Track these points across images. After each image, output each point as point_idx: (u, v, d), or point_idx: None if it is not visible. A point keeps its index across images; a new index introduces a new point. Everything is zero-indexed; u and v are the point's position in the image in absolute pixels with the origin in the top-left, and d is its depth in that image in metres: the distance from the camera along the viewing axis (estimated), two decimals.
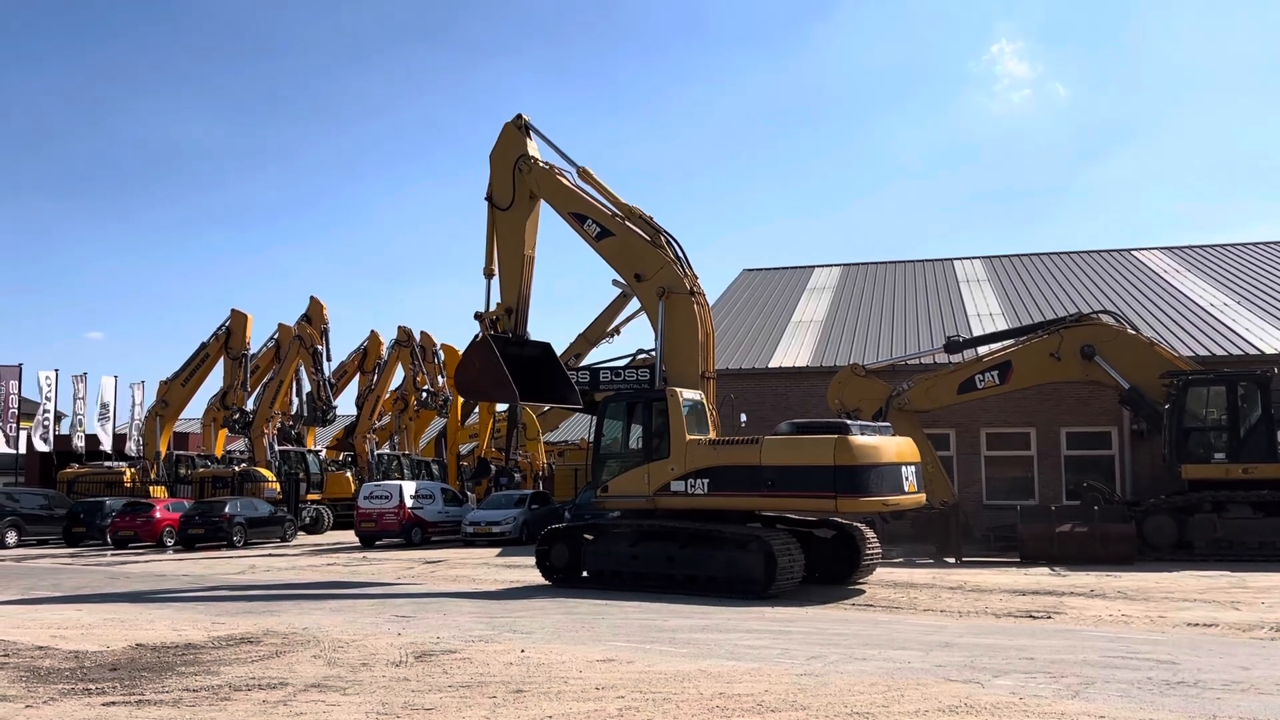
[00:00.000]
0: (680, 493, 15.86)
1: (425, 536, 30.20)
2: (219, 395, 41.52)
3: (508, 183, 19.30)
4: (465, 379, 19.31)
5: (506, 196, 19.31)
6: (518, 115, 19.73)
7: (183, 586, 18.17)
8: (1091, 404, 23.77)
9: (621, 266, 18.55)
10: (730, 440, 16.26)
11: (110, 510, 32.08)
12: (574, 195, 19.02)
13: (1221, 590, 14.87)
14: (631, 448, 16.74)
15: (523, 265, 19.16)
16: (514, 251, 19.22)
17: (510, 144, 19.55)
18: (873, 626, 11.71)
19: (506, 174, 19.32)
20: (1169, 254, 34.86)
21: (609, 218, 18.64)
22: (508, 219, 19.27)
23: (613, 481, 16.69)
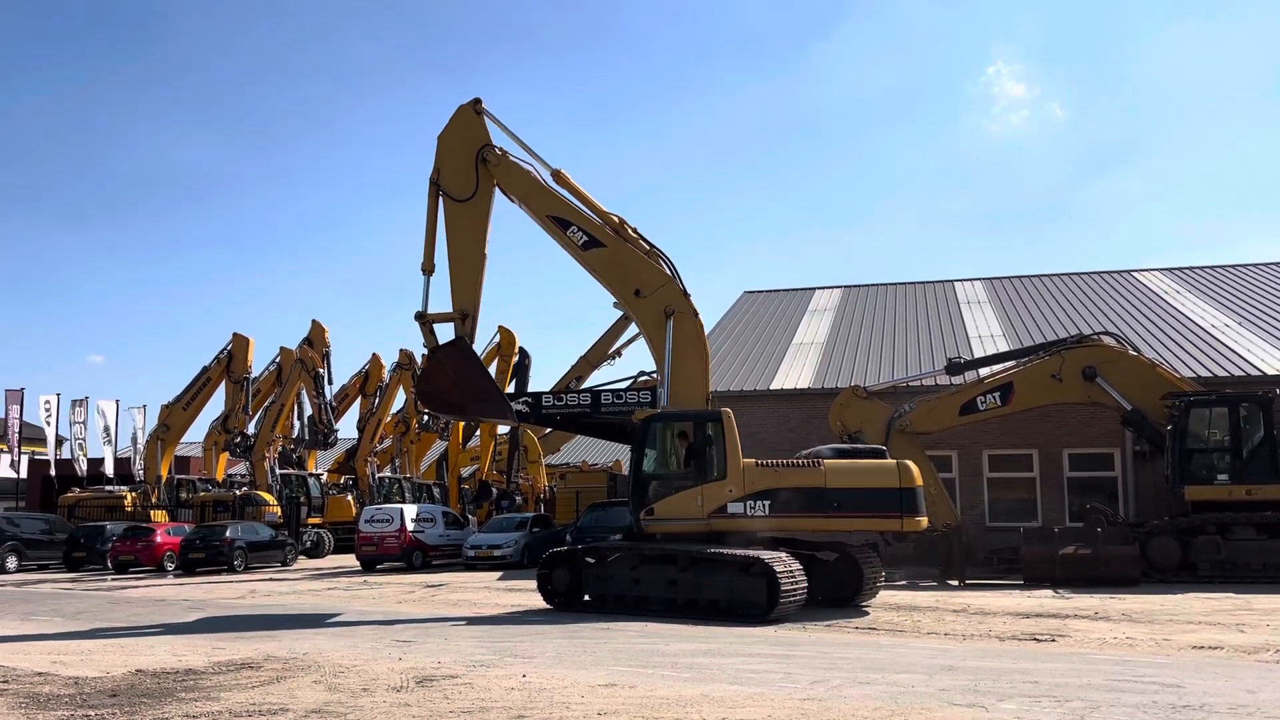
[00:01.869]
0: (739, 515, 15.84)
1: (426, 560, 30.11)
2: (220, 419, 41.54)
3: (469, 172, 17.41)
4: (432, 390, 17.38)
5: (468, 187, 17.39)
6: (475, 99, 17.86)
7: (182, 611, 18.10)
8: (1094, 425, 23.74)
9: (614, 280, 17.45)
10: (790, 463, 16.41)
11: (111, 535, 32.01)
12: (556, 198, 17.59)
13: (1226, 612, 14.80)
14: (679, 469, 16.37)
15: (480, 265, 17.39)
16: (469, 248, 17.31)
17: (467, 128, 17.65)
18: (876, 650, 11.64)
19: (466, 162, 17.44)
20: (1169, 275, 34.92)
21: (598, 227, 17.48)
22: (465, 211, 17.35)
23: (660, 504, 16.06)
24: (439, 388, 17.05)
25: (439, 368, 16.99)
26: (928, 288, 36.84)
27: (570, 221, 17.46)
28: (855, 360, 28.80)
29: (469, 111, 17.76)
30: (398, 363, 43.56)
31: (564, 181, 17.59)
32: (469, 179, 17.36)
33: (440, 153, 17.55)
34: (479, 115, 17.74)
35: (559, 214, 17.49)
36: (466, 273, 17.20)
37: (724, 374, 27.88)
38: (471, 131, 17.59)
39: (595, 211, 17.58)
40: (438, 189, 17.39)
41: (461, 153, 17.51)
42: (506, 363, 43.85)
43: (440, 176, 17.43)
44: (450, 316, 17.17)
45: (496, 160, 17.49)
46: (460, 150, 17.53)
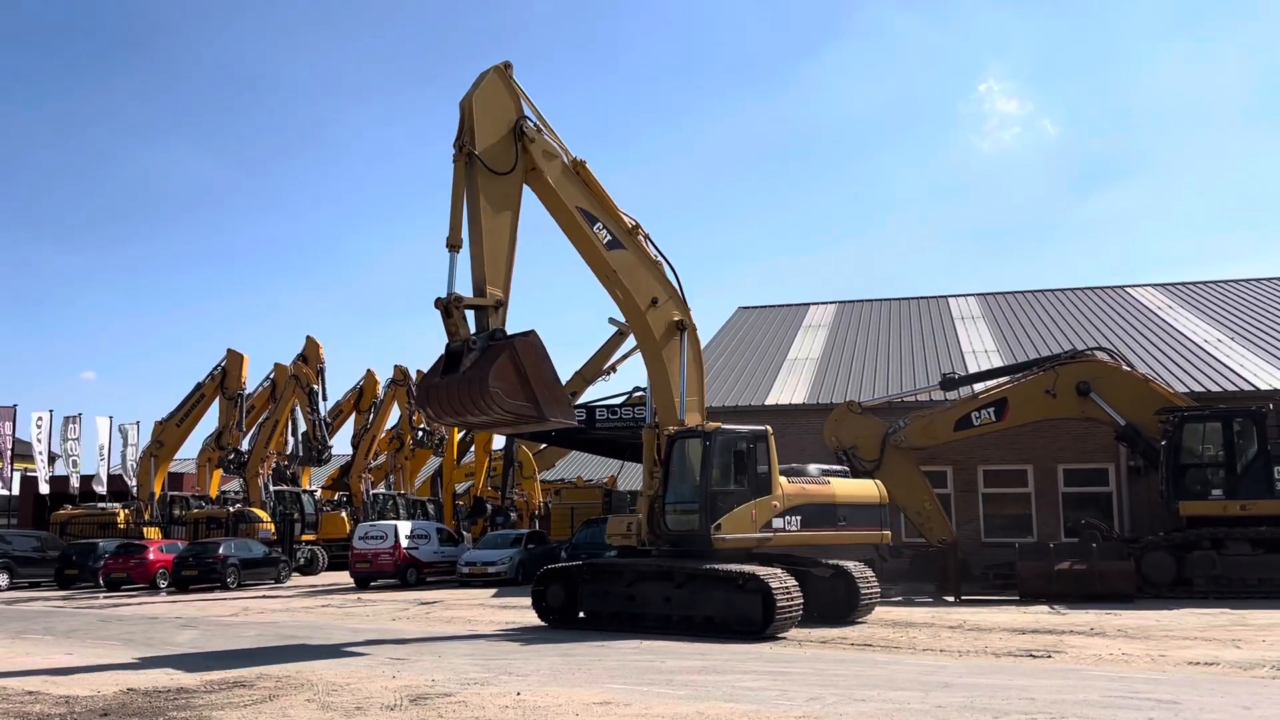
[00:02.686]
0: (780, 530, 16.23)
1: (420, 577, 30.00)
2: (214, 435, 41.44)
3: (507, 143, 15.21)
4: (506, 388, 13.68)
5: (507, 159, 15.11)
6: (506, 63, 15.64)
7: (174, 629, 18.00)
8: (1088, 441, 23.76)
9: (633, 286, 16.46)
10: (811, 479, 17.03)
11: (103, 552, 31.86)
12: (585, 189, 16.17)
13: (1222, 628, 14.78)
14: (734, 487, 16.18)
15: (513, 249, 15.04)
16: (503, 229, 14.89)
17: (498, 95, 15.38)
18: (872, 667, 11.61)
19: (504, 133, 15.25)
20: (1162, 290, 35.03)
21: (623, 227, 16.45)
22: (500, 186, 14.98)
23: (725, 519, 15.66)
24: (510, 387, 13.73)
25: (508, 364, 13.79)
26: (922, 303, 36.91)
27: (596, 217, 16.17)
28: (850, 376, 28.82)
29: (501, 76, 15.54)
30: (392, 379, 43.54)
31: (586, 174, 16.29)
32: (508, 151, 15.18)
33: (475, 119, 14.99)
34: (509, 83, 15.63)
35: (586, 207, 16.10)
36: (499, 256, 14.70)
37: (719, 389, 27.87)
38: (502, 100, 15.45)
39: (616, 210, 16.57)
40: (469, 157, 14.78)
41: (494, 122, 15.18)
42: None
43: (476, 144, 14.85)
44: (485, 303, 14.35)
45: (533, 136, 15.54)
46: (495, 118, 15.20)
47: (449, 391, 13.89)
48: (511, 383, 13.71)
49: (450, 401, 13.92)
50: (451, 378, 13.88)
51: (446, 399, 13.95)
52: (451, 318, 14.01)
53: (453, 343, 14.10)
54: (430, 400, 14.26)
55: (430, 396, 14.24)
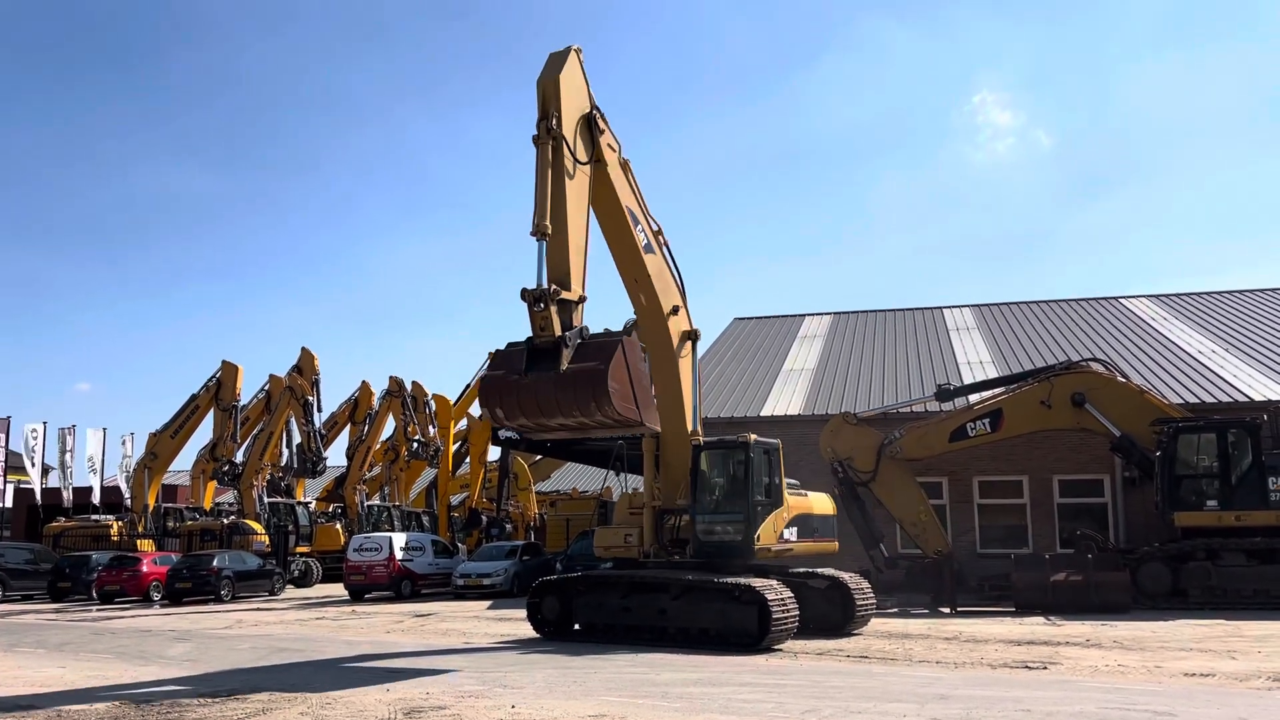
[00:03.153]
0: (787, 540, 16.51)
1: (415, 589, 29.90)
2: (208, 447, 41.30)
3: (584, 131, 14.57)
4: (619, 388, 12.80)
5: (585, 148, 14.49)
6: (577, 48, 14.84)
7: (167, 642, 17.91)
8: (1083, 452, 23.78)
9: (661, 291, 16.11)
10: (799, 491, 17.36)
11: (96, 564, 31.70)
12: (635, 189, 15.83)
13: (1217, 639, 14.78)
14: (763, 498, 16.40)
15: (586, 243, 14.22)
16: (583, 219, 14.24)
17: (577, 80, 14.63)
18: (868, 679, 11.58)
19: (579, 119, 14.52)
20: (1156, 301, 35.13)
21: (652, 231, 16.18)
22: (579, 176, 14.29)
23: (762, 530, 15.84)
24: (623, 387, 12.86)
25: (621, 363, 12.94)
26: (917, 314, 36.98)
27: (638, 218, 15.81)
28: (845, 386, 28.83)
29: (578, 58, 14.77)
30: (387, 390, 43.45)
31: (631, 174, 15.89)
32: (585, 139, 14.56)
33: (561, 100, 14.15)
34: (582, 68, 14.91)
35: (633, 207, 15.69)
36: (580, 248, 13.94)
37: (714, 400, 27.88)
38: (580, 85, 14.73)
39: (648, 213, 16.20)
40: (555, 141, 13.93)
41: (574, 107, 14.44)
42: None
43: (563, 127, 14.04)
44: (572, 296, 13.43)
45: (603, 127, 14.90)
46: (573, 104, 14.44)
47: (545, 390, 12.76)
48: (623, 383, 12.90)
49: (546, 401, 12.77)
50: (544, 375, 12.70)
51: (540, 399, 12.80)
52: (544, 310, 12.94)
53: (540, 338, 12.98)
54: (516, 399, 12.86)
55: (515, 395, 12.85)
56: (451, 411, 44.76)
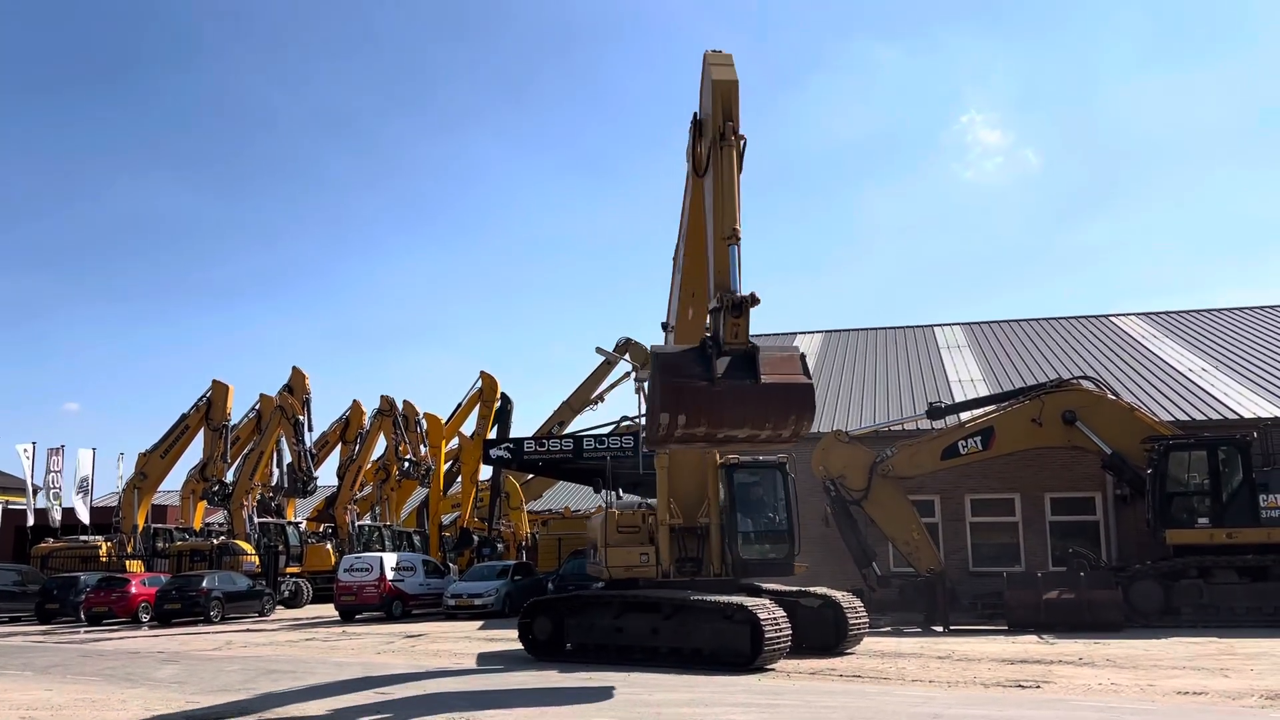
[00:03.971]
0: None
1: (406, 609, 29.74)
2: (198, 467, 41.15)
3: (706, 141, 13.83)
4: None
5: (703, 160, 13.90)
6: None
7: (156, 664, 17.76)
8: (1075, 469, 23.80)
9: (704, 303, 15.54)
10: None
11: (85, 586, 31.47)
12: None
13: (1210, 657, 14.77)
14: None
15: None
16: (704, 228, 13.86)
17: (714, 95, 13.64)
18: (861, 698, 11.54)
19: (709, 129, 13.80)
20: (1145, 319, 35.28)
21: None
22: (701, 186, 14.03)
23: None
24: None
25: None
26: (908, 332, 37.07)
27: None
28: (837, 404, 28.86)
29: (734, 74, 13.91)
30: (378, 409, 43.35)
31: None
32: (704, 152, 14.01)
33: (733, 104, 13.51)
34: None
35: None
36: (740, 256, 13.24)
37: None
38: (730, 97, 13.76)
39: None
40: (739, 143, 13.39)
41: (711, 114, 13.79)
42: (488, 408, 43.81)
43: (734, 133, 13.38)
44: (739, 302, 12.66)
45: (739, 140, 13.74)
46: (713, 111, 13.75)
47: (745, 400, 12.25)
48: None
49: (741, 412, 12.32)
50: (742, 385, 12.14)
51: (735, 408, 12.30)
52: (743, 318, 12.40)
53: (734, 344, 12.44)
54: (705, 407, 12.25)
55: (705, 403, 12.22)
56: (443, 431, 44.69)
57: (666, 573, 16.14)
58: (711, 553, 16.42)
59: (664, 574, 16.17)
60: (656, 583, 16.09)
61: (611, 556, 16.53)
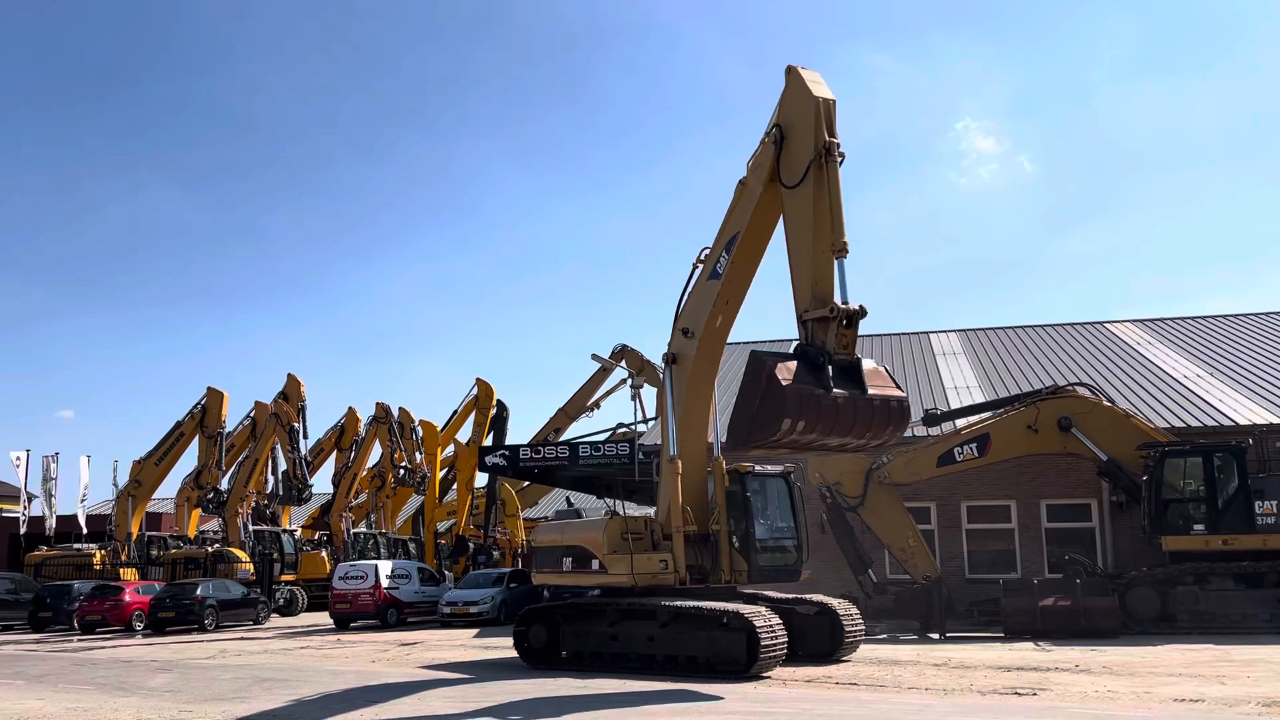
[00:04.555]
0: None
1: (401, 617, 29.65)
2: (193, 474, 41.03)
3: (804, 156, 13.97)
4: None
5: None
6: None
7: (149, 672, 17.68)
8: (1071, 476, 23.80)
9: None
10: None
11: (78, 594, 31.34)
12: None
13: (1206, 664, 14.75)
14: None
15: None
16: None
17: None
18: (857, 706, 11.51)
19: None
20: (1140, 326, 35.32)
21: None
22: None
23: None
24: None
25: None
26: (903, 339, 37.07)
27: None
28: None
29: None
30: (374, 416, 43.28)
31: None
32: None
33: (833, 119, 14.12)
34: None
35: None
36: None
37: None
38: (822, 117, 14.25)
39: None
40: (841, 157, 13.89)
41: (804, 131, 14.22)
42: (484, 415, 43.74)
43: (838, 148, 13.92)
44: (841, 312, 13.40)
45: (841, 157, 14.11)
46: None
47: (857, 410, 12.93)
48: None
49: (849, 420, 12.93)
50: (854, 395, 12.82)
51: (845, 417, 12.89)
52: (854, 328, 13.11)
53: (841, 355, 13.09)
54: (818, 413, 12.69)
55: (818, 409, 12.66)
56: (438, 438, 44.60)
57: (683, 580, 15.89)
58: (723, 560, 16.23)
59: (681, 581, 15.90)
60: (663, 590, 15.98)
61: (638, 564, 16.07)
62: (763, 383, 12.84)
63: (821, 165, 13.67)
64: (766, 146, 14.77)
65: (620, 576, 15.86)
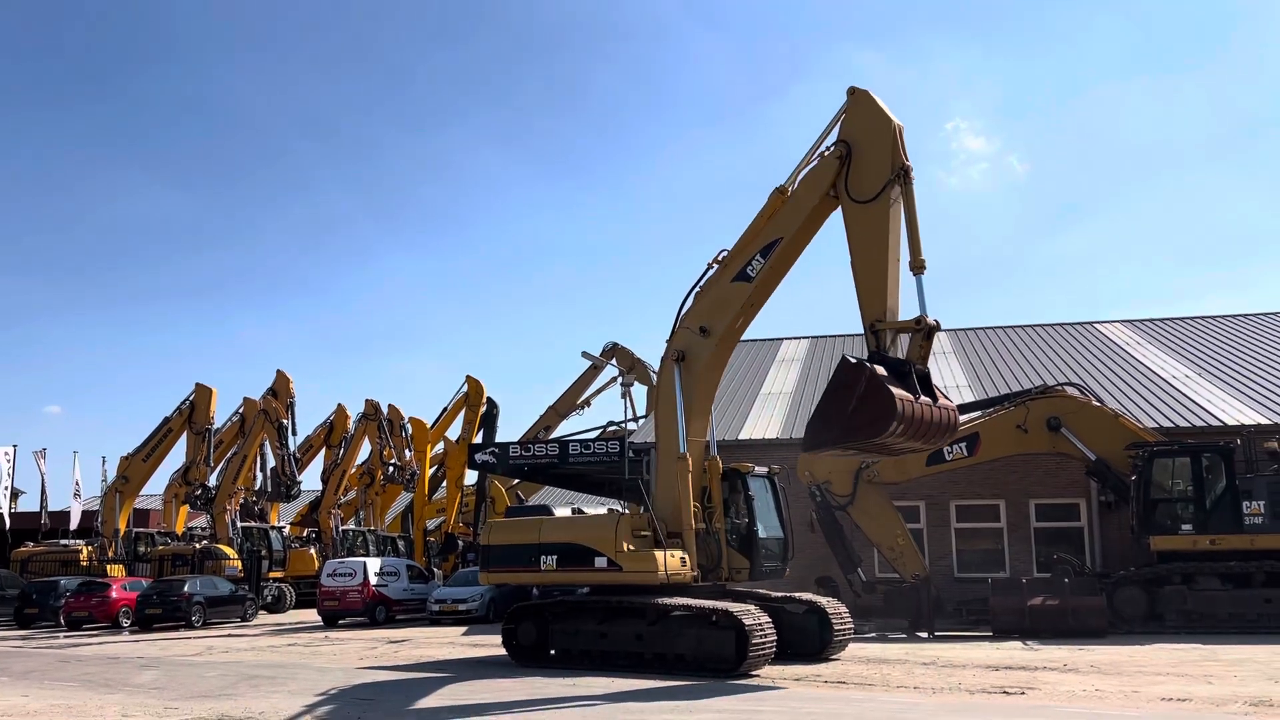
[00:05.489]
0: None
1: (390, 615, 29.56)
2: (181, 470, 40.84)
3: (882, 172, 14.70)
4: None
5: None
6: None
7: (135, 669, 17.59)
8: (1060, 476, 23.86)
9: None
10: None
11: (65, 590, 31.18)
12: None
13: (1193, 664, 14.79)
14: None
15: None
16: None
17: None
18: (845, 705, 11.50)
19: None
20: (1129, 326, 35.42)
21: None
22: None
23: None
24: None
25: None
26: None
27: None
28: None
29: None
30: (363, 413, 43.13)
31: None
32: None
33: (903, 143, 15.07)
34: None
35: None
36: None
37: None
38: (891, 137, 15.19)
39: None
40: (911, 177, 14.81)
41: (879, 152, 15.07)
42: (474, 413, 43.67)
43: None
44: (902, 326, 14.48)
45: (911, 180, 15.06)
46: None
47: (940, 416, 13.72)
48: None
49: (931, 425, 13.60)
50: (939, 406, 13.77)
51: (934, 422, 13.63)
52: (931, 340, 14.19)
53: (921, 367, 14.00)
54: (914, 419, 13.30)
55: (913, 415, 13.26)
56: (428, 435, 44.49)
57: (697, 577, 15.94)
58: (724, 559, 16.38)
59: (694, 579, 15.93)
60: (712, 588, 16.13)
61: (662, 562, 15.69)
62: (862, 386, 13.23)
63: (900, 187, 14.59)
64: (829, 161, 15.33)
65: (638, 574, 15.43)
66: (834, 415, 13.64)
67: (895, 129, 14.89)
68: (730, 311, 16.14)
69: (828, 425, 13.83)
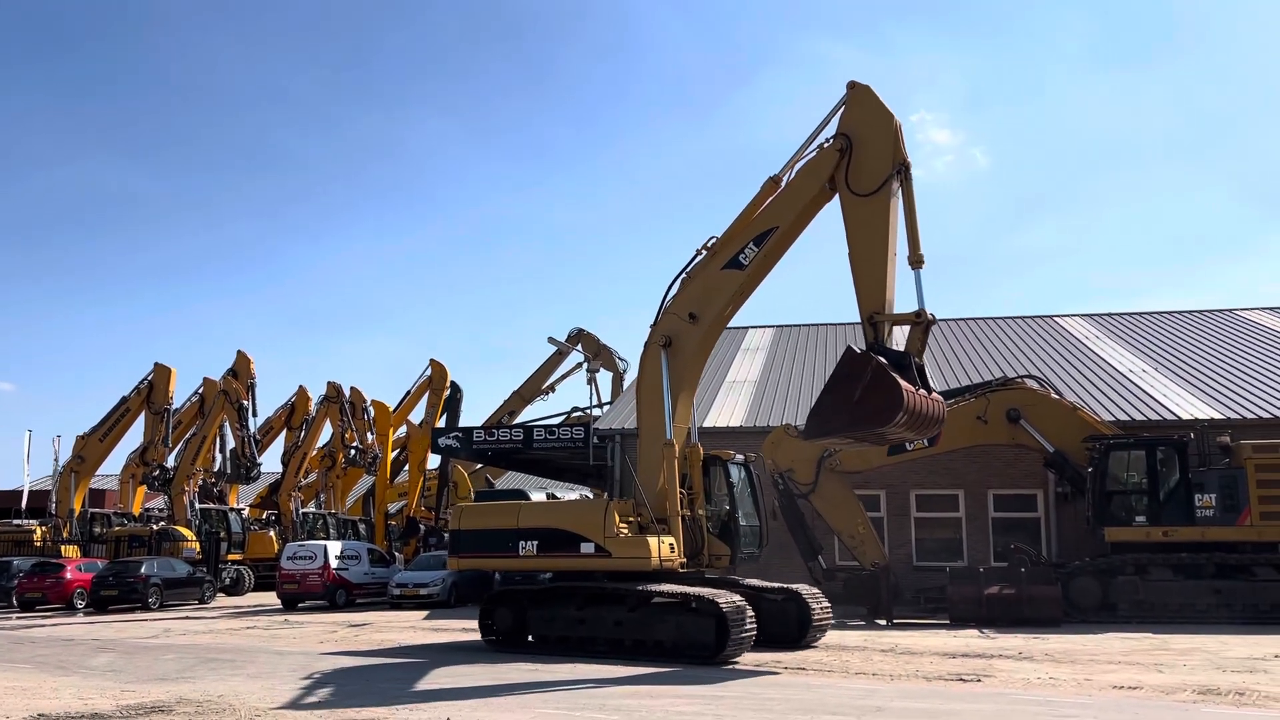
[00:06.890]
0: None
1: (350, 599, 29.42)
2: (139, 451, 40.40)
3: (883, 166, 14.95)
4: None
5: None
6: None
7: (91, 651, 17.37)
8: (1018, 467, 24.18)
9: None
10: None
11: (17, 571, 30.73)
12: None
13: (1145, 652, 15.09)
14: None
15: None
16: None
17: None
18: (805, 691, 11.62)
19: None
20: (1089, 320, 35.93)
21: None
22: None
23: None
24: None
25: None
26: (856, 328, 36.96)
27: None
28: (787, 398, 29.02)
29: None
30: (325, 395, 42.82)
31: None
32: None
33: (855, 142, 15.39)
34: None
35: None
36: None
37: None
38: (892, 131, 15.48)
39: None
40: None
41: (880, 145, 15.30)
42: (438, 396, 43.50)
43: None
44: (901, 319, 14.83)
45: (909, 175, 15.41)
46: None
47: (934, 407, 13.94)
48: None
49: (929, 416, 13.81)
50: (935, 397, 14.07)
51: (932, 412, 13.85)
52: (928, 333, 14.64)
53: (919, 359, 14.33)
54: (917, 409, 13.50)
55: (916, 406, 13.45)
56: (390, 418, 44.25)
57: (684, 564, 15.93)
58: (706, 546, 16.43)
59: (682, 565, 15.90)
60: (695, 575, 16.12)
61: (655, 547, 15.56)
62: (868, 376, 13.33)
63: (899, 181, 14.85)
64: (828, 153, 15.47)
65: (630, 560, 15.27)
66: (840, 404, 13.71)
67: (896, 125, 15.14)
68: (721, 298, 16.27)
69: (835, 414, 13.86)
